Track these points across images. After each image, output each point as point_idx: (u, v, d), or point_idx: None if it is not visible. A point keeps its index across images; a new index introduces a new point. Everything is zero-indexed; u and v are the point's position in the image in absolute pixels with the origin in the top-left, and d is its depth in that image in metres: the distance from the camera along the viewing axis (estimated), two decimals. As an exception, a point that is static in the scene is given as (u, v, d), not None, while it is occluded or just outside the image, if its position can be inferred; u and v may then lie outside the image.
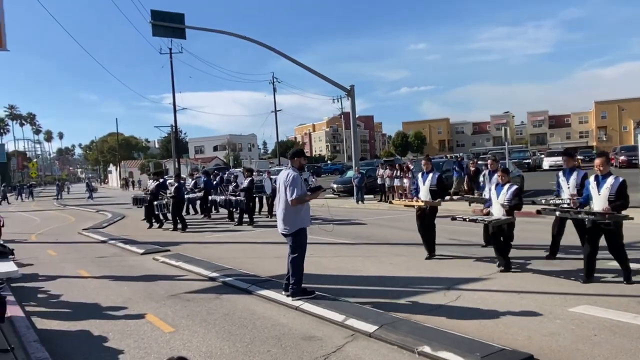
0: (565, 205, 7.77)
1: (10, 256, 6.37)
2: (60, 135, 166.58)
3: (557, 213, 7.79)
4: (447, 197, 18.70)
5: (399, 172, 22.14)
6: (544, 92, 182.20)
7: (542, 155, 43.49)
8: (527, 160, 39.81)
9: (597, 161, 7.04)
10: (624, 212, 6.73)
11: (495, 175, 9.18)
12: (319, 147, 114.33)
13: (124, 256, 11.66)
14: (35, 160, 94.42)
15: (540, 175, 32.37)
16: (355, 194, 22.74)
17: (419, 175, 9.70)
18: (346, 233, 13.48)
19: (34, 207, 36.40)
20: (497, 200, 8.04)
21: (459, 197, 19.73)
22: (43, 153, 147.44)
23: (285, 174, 6.81)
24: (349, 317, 5.74)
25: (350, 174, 26.51)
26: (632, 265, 7.18)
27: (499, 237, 7.93)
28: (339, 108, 68.78)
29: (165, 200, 16.68)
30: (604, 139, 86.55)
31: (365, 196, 22.93)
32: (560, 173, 8.42)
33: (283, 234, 6.86)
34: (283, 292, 6.82)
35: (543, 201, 8.61)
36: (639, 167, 21.96)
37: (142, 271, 9.59)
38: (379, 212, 19.04)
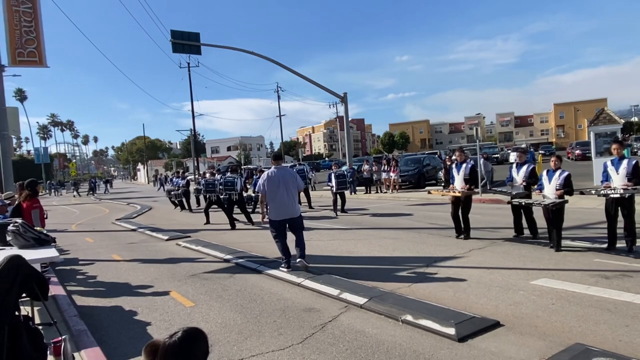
0: (618, 196, 6.95)
1: (53, 244, 6.34)
2: (95, 139, 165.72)
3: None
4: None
5: (386, 166, 22.13)
6: (510, 96, 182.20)
7: (509, 151, 43.47)
8: (496, 155, 39.98)
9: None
10: None
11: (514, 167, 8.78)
12: (318, 146, 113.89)
13: (151, 242, 11.63)
14: (74, 160, 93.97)
15: (507, 167, 32.31)
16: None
17: (453, 166, 9.32)
18: (341, 220, 13.47)
19: (75, 201, 36.31)
20: (550, 184, 7.59)
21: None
22: (81, 154, 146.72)
23: (286, 171, 7.18)
24: (343, 292, 5.74)
25: (344, 168, 26.44)
26: (584, 244, 7.22)
27: (558, 218, 7.44)
28: (335, 112, 68.58)
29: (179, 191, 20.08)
30: (562, 136, 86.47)
31: (358, 188, 22.90)
32: (609, 162, 7.42)
33: (293, 218, 7.09)
34: (284, 269, 7.11)
35: (593, 192, 7.55)
36: (592, 160, 21.89)
37: (167, 255, 9.57)
38: (369, 201, 19.02)
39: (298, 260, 6.96)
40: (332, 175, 15.06)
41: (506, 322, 4.53)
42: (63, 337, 3.96)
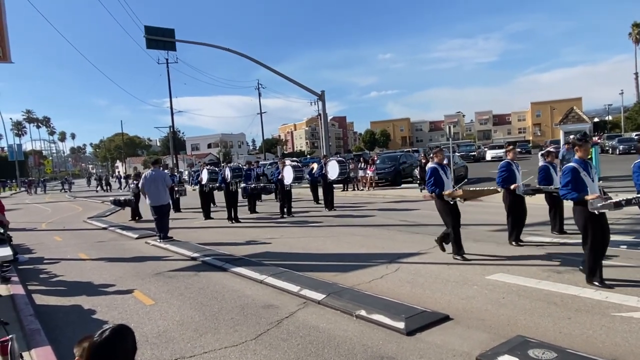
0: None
1: (10, 242, 6.25)
2: (73, 136, 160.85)
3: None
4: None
5: (363, 164, 22.28)
6: (490, 95, 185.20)
7: (486, 149, 44.20)
8: (473, 153, 40.61)
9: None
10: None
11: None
12: (300, 143, 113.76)
13: (120, 241, 11.49)
14: (50, 158, 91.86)
15: (483, 165, 32.95)
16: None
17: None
18: (313, 217, 13.53)
19: (48, 199, 35.51)
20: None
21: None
22: (58, 152, 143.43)
23: (160, 172, 10.47)
24: (303, 288, 5.80)
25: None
26: (542, 239, 7.42)
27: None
28: (317, 110, 68.57)
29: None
30: (539, 134, 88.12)
31: (335, 185, 22.92)
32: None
33: (164, 204, 10.35)
34: (159, 240, 10.30)
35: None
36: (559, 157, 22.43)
37: (134, 253, 9.48)
38: (344, 199, 19.12)
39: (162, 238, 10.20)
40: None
41: (456, 316, 4.65)
42: (10, 336, 3.92)
